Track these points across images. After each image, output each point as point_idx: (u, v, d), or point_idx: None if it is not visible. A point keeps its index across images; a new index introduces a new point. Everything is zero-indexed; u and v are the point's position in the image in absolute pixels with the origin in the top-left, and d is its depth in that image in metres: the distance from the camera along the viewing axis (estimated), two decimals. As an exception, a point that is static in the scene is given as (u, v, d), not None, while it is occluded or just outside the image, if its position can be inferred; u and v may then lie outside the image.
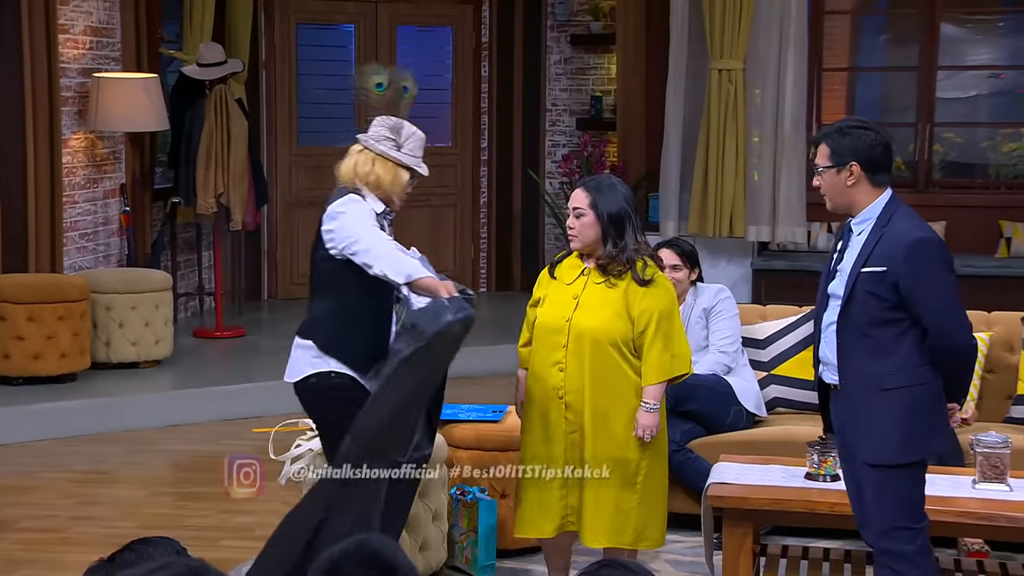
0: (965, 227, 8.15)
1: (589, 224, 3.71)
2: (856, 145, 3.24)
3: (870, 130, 3.27)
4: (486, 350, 7.28)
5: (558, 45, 9.27)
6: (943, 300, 3.19)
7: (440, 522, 4.16)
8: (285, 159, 9.02)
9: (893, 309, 3.19)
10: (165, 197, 7.82)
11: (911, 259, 3.16)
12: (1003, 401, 4.85)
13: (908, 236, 3.18)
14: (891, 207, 3.26)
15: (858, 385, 3.26)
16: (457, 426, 4.41)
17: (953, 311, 3.20)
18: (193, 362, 7.14)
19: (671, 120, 8.30)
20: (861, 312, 3.23)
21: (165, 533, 2.49)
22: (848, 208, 3.30)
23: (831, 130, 3.30)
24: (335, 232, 3.52)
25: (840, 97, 9.17)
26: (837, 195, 3.29)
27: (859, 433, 3.28)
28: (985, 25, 8.95)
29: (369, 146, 3.62)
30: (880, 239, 3.21)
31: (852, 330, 3.25)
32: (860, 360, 3.24)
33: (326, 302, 3.59)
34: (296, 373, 3.65)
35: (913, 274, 3.16)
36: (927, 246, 3.19)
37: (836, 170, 3.26)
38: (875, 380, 3.22)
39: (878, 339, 3.22)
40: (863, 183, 3.25)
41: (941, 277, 3.19)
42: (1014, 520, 3.64)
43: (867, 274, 3.21)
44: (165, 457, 5.90)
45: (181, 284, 8.05)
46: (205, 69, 7.40)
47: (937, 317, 3.18)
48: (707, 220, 8.17)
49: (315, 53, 9.07)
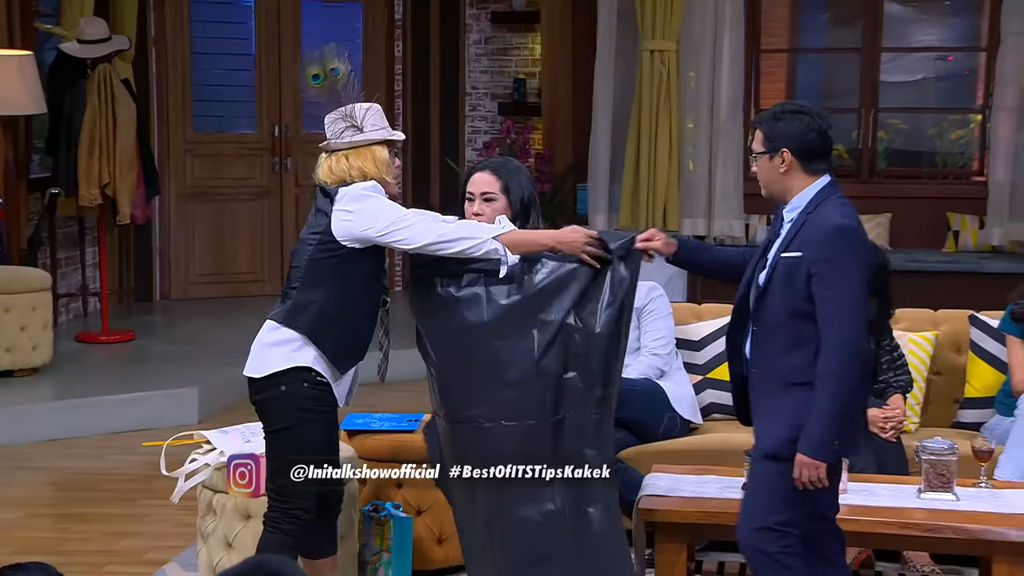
0: (911, 220, 8.33)
1: (501, 210, 3.69)
2: (789, 131, 3.33)
3: (807, 115, 3.35)
4: (401, 354, 7.29)
5: (478, 23, 9.28)
6: (847, 291, 3.23)
7: (350, 542, 4.15)
8: (178, 146, 8.91)
9: (808, 300, 3.26)
10: (43, 187, 7.67)
11: (826, 245, 3.24)
12: (950, 405, 4.96)
13: (830, 222, 3.26)
14: (824, 194, 3.34)
15: (768, 377, 3.34)
16: (369, 437, 4.40)
17: (852, 306, 3.23)
18: (76, 369, 7.03)
19: (600, 105, 8.36)
20: (777, 301, 3.31)
21: (43, 559, 2.45)
22: (782, 195, 3.39)
23: (767, 115, 3.40)
24: (356, 215, 3.48)
25: (780, 80, 9.31)
26: (771, 182, 3.39)
27: (763, 426, 3.36)
28: (931, 5, 9.16)
29: (334, 147, 3.59)
30: (804, 225, 3.30)
31: (767, 320, 3.34)
32: (772, 352, 3.33)
33: (317, 291, 3.55)
34: (263, 367, 3.56)
35: (826, 260, 3.23)
36: (846, 234, 3.26)
37: (769, 156, 3.36)
38: (785, 373, 3.30)
39: (793, 331, 3.29)
40: (796, 170, 3.34)
41: (853, 269, 3.24)
42: (962, 531, 3.72)
43: (785, 260, 3.30)
44: (43, 475, 5.79)
45: (62, 284, 7.92)
46: (87, 46, 7.27)
47: (833, 305, 3.22)
48: (639, 212, 8.25)
49: (211, 29, 8.96)
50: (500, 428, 3.42)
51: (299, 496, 3.58)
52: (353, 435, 4.41)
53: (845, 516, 3.82)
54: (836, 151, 8.73)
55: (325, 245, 3.54)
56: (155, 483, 5.03)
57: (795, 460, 3.25)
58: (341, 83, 3.67)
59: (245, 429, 4.18)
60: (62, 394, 6.62)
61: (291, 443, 3.57)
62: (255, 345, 3.62)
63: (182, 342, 7.76)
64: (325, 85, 3.70)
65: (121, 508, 5.21)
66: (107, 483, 5.58)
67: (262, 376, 3.57)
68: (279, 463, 3.61)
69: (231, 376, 6.75)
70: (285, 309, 3.58)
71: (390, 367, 3.76)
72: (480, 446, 3.46)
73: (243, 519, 4.00)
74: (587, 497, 3.46)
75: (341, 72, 3.70)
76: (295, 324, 3.55)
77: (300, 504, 3.59)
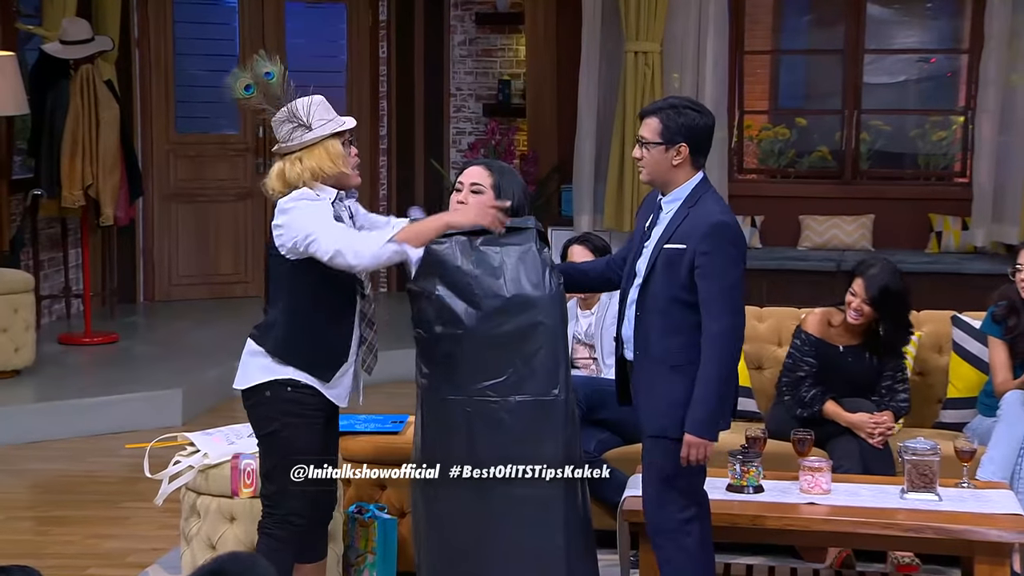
0: (893, 221, 8.36)
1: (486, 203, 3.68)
2: (689, 125, 3.51)
3: (700, 112, 3.55)
4: (385, 355, 7.31)
5: (462, 24, 9.28)
6: (724, 282, 3.44)
7: (335, 543, 4.14)
8: (162, 147, 8.88)
9: (689, 289, 3.46)
10: (25, 189, 7.63)
11: (709, 238, 3.44)
12: (933, 405, 4.98)
13: (712, 217, 3.48)
14: (701, 189, 3.56)
15: (650, 362, 3.53)
16: (354, 438, 4.38)
17: (728, 295, 3.44)
18: (58, 371, 7.00)
19: (584, 106, 8.37)
20: (659, 288, 3.50)
21: (24, 562, 2.44)
22: (664, 185, 3.58)
23: (664, 105, 3.56)
24: (284, 228, 3.49)
25: (763, 82, 9.33)
26: (659, 172, 3.56)
27: (648, 408, 3.55)
28: (913, 6, 9.19)
29: (286, 151, 3.57)
30: (686, 218, 3.51)
31: (649, 306, 3.52)
32: (654, 336, 3.51)
33: (278, 305, 3.57)
34: (246, 380, 3.59)
35: (706, 253, 3.44)
36: (726, 230, 3.48)
37: (664, 147, 3.52)
38: (665, 356, 3.50)
39: (672, 317, 3.49)
40: (686, 164, 3.54)
41: (730, 262, 3.46)
42: (944, 532, 3.73)
43: (668, 251, 3.50)
44: (25, 477, 5.76)
45: (44, 285, 7.89)
46: (69, 47, 7.25)
47: (712, 294, 3.43)
48: (623, 214, 8.25)
49: (194, 31, 8.94)
50: (510, 403, 3.42)
51: (290, 501, 3.57)
52: (337, 437, 4.40)
53: (828, 516, 3.83)
54: (819, 152, 8.84)
55: (276, 259, 3.55)
56: (138, 485, 5.01)
57: (683, 440, 3.46)
58: (278, 85, 3.64)
59: (229, 431, 4.18)
60: (44, 396, 6.59)
61: (277, 447, 3.56)
62: (242, 357, 3.62)
63: (165, 344, 7.73)
64: (260, 92, 3.65)
65: (104, 510, 5.18)
66: (89, 485, 5.56)
67: (245, 388, 3.59)
68: (267, 468, 3.60)
69: (215, 378, 6.76)
70: (261, 326, 3.61)
71: (375, 368, 3.74)
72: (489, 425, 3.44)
73: (227, 521, 3.99)
74: None
75: (275, 75, 3.65)
76: (265, 345, 3.56)
77: (292, 509, 3.57)
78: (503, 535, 3.47)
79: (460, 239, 3.49)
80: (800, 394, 4.60)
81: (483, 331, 3.42)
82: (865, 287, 4.55)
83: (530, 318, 3.42)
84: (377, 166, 9.33)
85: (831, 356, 4.64)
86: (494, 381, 3.42)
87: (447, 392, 3.47)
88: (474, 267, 3.45)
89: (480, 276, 3.44)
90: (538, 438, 3.43)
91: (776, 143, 8.87)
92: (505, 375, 3.42)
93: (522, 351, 3.42)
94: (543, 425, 3.44)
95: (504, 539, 3.47)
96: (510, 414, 3.42)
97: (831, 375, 4.63)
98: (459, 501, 3.49)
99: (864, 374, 4.65)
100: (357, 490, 4.37)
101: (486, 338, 3.42)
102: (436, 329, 3.47)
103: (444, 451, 3.48)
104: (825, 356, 4.64)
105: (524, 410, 3.42)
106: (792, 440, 4.21)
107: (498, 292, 3.43)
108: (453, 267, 3.46)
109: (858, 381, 4.64)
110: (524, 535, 3.45)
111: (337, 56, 9.19)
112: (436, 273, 3.48)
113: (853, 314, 4.58)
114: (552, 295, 3.45)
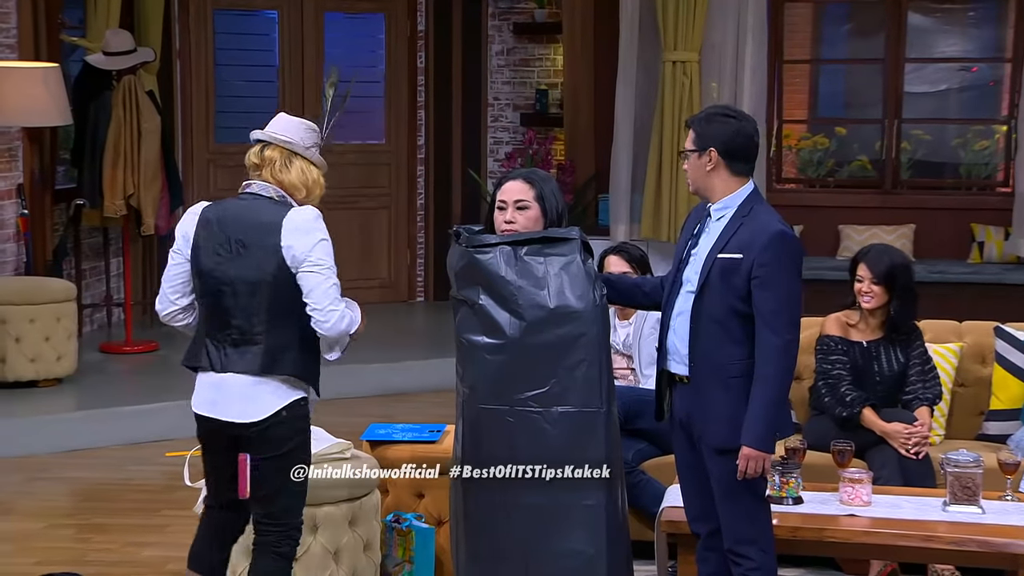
0: (935, 231, 8.29)
1: (534, 219, 3.64)
2: (717, 132, 3.52)
3: (736, 119, 3.56)
4: (421, 364, 7.25)
5: (500, 34, 9.29)
6: (785, 295, 3.43)
7: (372, 552, 4.14)
8: (202, 157, 8.94)
9: (745, 299, 3.44)
10: (68, 199, 7.71)
11: (769, 249, 3.43)
12: (975, 417, 4.92)
13: (770, 228, 3.46)
14: (753, 199, 3.55)
15: (708, 374, 3.49)
16: (391, 447, 4.39)
17: (788, 310, 3.43)
18: (99, 380, 7.05)
19: (622, 116, 8.35)
20: (716, 299, 3.48)
21: (66, 569, 2.45)
22: (707, 193, 3.58)
23: (700, 115, 3.63)
24: (298, 248, 3.46)
25: (802, 91, 9.29)
26: (697, 179, 3.58)
27: (707, 422, 3.51)
28: (954, 15, 9.12)
29: (299, 152, 3.59)
30: (740, 227, 3.49)
31: (705, 318, 3.49)
32: (711, 348, 3.49)
33: (286, 329, 3.51)
34: (263, 410, 3.51)
35: (765, 264, 3.42)
36: (786, 241, 3.46)
37: (698, 154, 3.54)
38: (724, 369, 3.47)
39: (729, 328, 3.46)
40: (721, 170, 3.53)
41: (792, 275, 3.45)
42: (986, 545, 3.70)
43: (723, 260, 3.48)
44: (66, 485, 5.81)
45: (86, 294, 7.95)
46: (112, 58, 7.31)
47: (771, 308, 3.41)
48: (660, 223, 8.23)
49: (234, 41, 9.00)
50: (552, 414, 3.41)
51: (296, 513, 3.58)
52: (375, 445, 4.41)
53: (868, 529, 3.80)
54: (859, 162, 8.78)
55: (284, 279, 3.50)
56: (177, 493, 5.04)
57: (740, 453, 3.43)
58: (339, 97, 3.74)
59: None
60: (85, 404, 6.63)
61: (290, 463, 3.53)
62: (239, 391, 3.51)
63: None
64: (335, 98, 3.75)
65: (143, 518, 5.21)
66: (129, 493, 5.60)
67: (263, 418, 3.51)
68: (278, 486, 3.54)
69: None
70: (262, 354, 3.50)
71: (411, 378, 3.74)
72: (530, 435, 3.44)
73: (265, 529, 3.99)
74: None
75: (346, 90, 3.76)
76: (282, 370, 3.50)
77: (294, 523, 3.58)
78: (542, 543, 3.46)
79: (505, 249, 3.49)
80: (840, 392, 4.57)
81: (525, 341, 3.42)
82: (869, 268, 4.61)
83: (573, 330, 3.42)
84: (415, 176, 9.35)
85: (857, 353, 4.64)
86: (537, 391, 3.42)
87: (489, 401, 3.47)
88: (518, 277, 3.45)
89: (524, 287, 3.44)
90: (581, 449, 3.42)
91: (815, 152, 8.82)
92: (548, 386, 3.41)
93: (564, 362, 3.41)
94: (585, 437, 3.42)
95: (543, 547, 3.45)
96: (553, 425, 3.41)
97: (861, 375, 4.61)
98: (498, 507, 3.48)
99: (891, 366, 4.63)
100: (395, 499, 4.37)
101: (528, 348, 3.42)
102: (478, 338, 3.47)
103: (485, 460, 3.48)
104: (852, 355, 4.63)
105: (567, 421, 3.41)
106: (832, 451, 4.18)
107: (541, 303, 3.42)
108: (497, 276, 3.46)
109: (887, 376, 4.62)
110: (564, 543, 3.44)
111: (376, 66, 9.22)
112: (480, 282, 3.49)
113: (866, 299, 4.62)
114: (596, 307, 3.44)
